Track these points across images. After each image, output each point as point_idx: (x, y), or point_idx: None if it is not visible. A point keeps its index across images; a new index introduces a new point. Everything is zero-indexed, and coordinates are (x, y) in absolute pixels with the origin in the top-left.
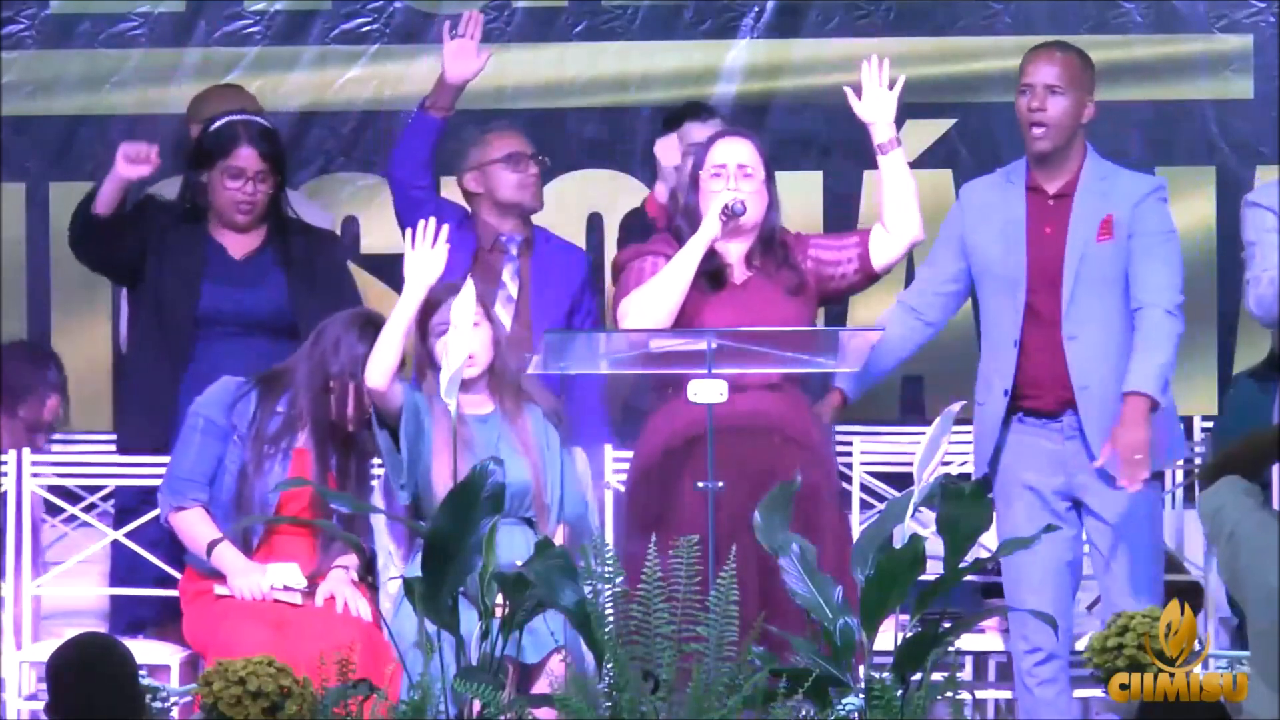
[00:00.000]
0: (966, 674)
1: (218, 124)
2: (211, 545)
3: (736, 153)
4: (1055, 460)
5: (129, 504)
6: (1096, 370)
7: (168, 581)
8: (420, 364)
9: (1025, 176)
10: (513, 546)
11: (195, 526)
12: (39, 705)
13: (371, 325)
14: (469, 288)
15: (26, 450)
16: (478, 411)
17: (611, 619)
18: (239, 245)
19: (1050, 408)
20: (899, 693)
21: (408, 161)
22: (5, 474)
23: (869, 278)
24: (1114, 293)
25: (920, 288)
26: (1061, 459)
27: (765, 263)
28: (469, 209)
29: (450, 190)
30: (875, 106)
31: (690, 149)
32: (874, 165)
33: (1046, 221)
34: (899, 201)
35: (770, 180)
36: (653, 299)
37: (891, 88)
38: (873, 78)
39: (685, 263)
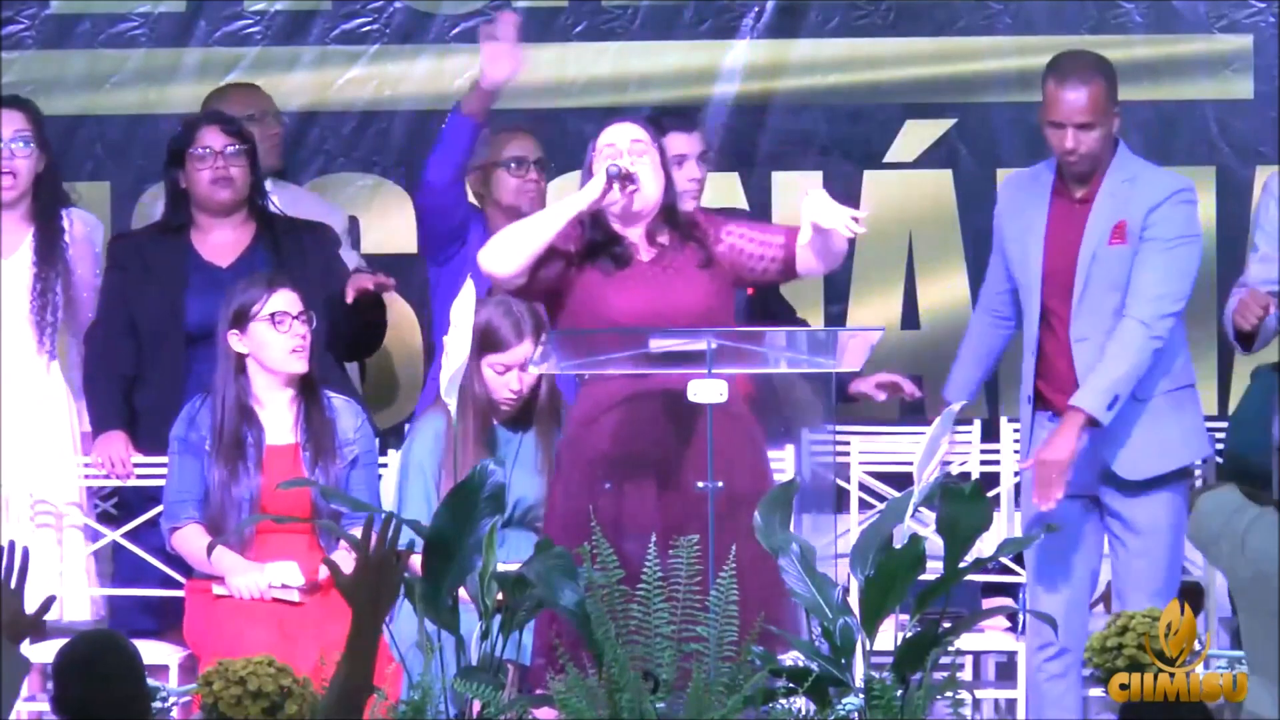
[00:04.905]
0: (966, 674)
1: (183, 124)
2: (210, 548)
3: (627, 133)
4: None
5: (131, 505)
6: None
7: (170, 584)
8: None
9: (1053, 178)
10: (521, 552)
11: (192, 541)
12: (39, 706)
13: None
14: (468, 287)
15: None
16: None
17: (609, 616)
18: (225, 251)
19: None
20: (899, 693)
21: (445, 166)
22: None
23: (788, 276)
24: (1120, 296)
25: (989, 288)
26: (1083, 459)
27: (671, 238)
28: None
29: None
30: (832, 215)
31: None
32: (874, 165)
33: (1069, 225)
34: (830, 253)
35: (665, 163)
36: (511, 238)
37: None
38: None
39: (556, 211)
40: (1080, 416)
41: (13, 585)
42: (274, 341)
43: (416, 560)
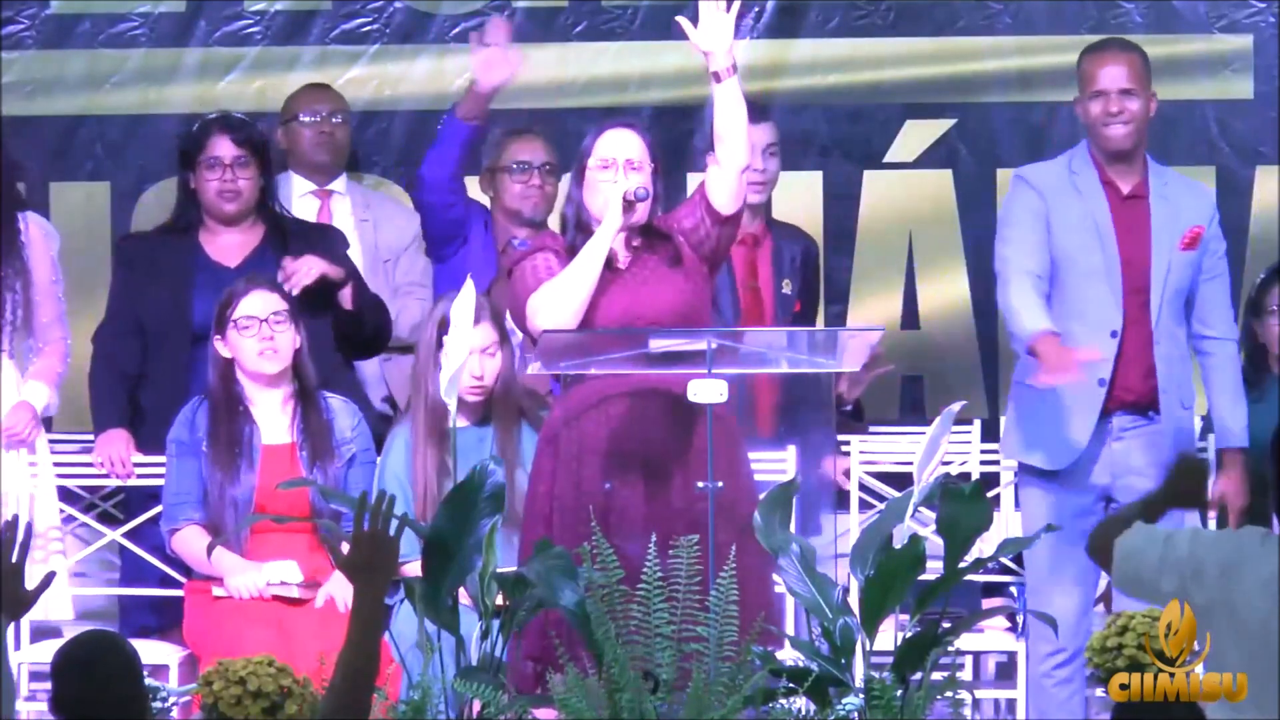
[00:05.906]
0: (966, 674)
1: (196, 126)
2: (209, 549)
3: (624, 146)
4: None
5: (136, 504)
6: (1172, 375)
7: (171, 583)
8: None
9: (1096, 171)
10: (500, 547)
11: (191, 542)
12: (39, 706)
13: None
14: (469, 287)
15: (25, 450)
16: (465, 422)
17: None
18: (233, 251)
19: (1146, 402)
20: (899, 693)
21: (440, 166)
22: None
23: (724, 221)
24: (1182, 301)
25: (1033, 268)
26: (1099, 464)
27: (642, 242)
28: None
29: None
30: (713, 34)
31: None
32: (874, 165)
33: (1130, 221)
34: (730, 131)
35: (658, 172)
36: (563, 294)
37: (729, 9)
38: (710, 4)
39: (593, 256)
40: (1242, 456)
41: (14, 559)
42: (244, 345)
43: (415, 566)
